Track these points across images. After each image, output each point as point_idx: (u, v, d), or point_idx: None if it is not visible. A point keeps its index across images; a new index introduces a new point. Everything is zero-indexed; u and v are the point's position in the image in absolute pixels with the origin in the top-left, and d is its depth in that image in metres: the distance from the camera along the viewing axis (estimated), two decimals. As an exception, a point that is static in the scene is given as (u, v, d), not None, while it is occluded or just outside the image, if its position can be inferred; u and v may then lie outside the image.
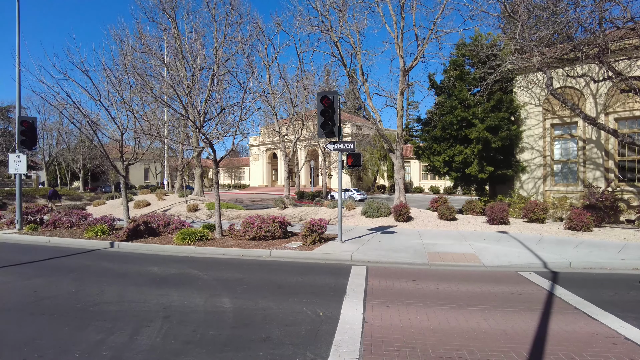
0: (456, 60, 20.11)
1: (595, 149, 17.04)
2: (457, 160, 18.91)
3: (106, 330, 5.32)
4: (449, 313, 6.04)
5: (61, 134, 52.26)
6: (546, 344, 4.84)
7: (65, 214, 16.15)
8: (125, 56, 15.35)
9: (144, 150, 17.86)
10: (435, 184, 53.32)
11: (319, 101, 11.57)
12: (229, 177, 78.77)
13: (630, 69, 14.76)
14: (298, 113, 26.18)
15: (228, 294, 7.08)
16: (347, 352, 4.55)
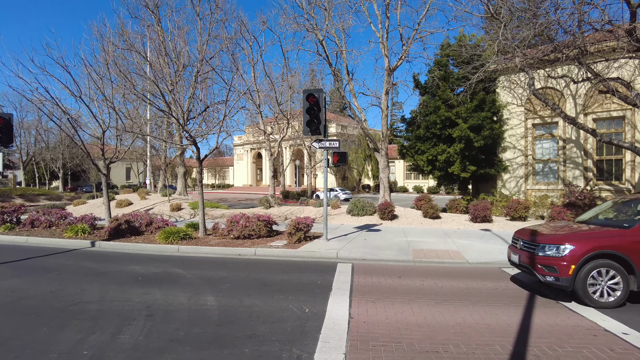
0: (440, 60, 20.32)
1: (575, 148, 17.43)
2: (440, 160, 19.11)
3: (87, 329, 5.19)
4: (434, 308, 6.08)
5: (40, 132, 50.97)
6: (529, 337, 4.91)
7: (44, 214, 15.71)
8: (106, 52, 15.05)
9: (126, 149, 17.53)
10: (419, 183, 53.82)
11: (305, 99, 11.52)
12: (212, 177, 78.02)
13: (608, 70, 15.14)
14: (283, 112, 26.06)
15: (212, 292, 6.99)
16: (333, 348, 4.53)
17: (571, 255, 6.16)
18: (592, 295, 6.08)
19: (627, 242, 6.12)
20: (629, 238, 6.17)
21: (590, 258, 6.11)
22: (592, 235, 6.51)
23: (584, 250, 6.13)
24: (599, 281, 6.10)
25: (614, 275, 6.07)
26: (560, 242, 6.38)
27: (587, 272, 6.09)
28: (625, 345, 4.67)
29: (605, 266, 6.09)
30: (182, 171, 26.31)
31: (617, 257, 6.08)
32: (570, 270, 6.11)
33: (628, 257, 6.02)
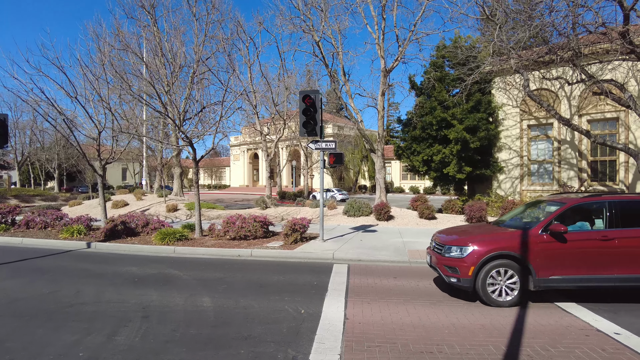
0: (436, 61, 20.41)
1: (569, 149, 17.55)
2: (435, 160, 19.18)
3: (82, 331, 5.19)
4: (429, 309, 6.12)
5: (35, 132, 50.58)
6: (523, 337, 4.96)
7: (40, 214, 15.66)
8: (102, 53, 15.01)
9: (122, 149, 17.50)
10: (415, 184, 53.96)
11: (301, 100, 11.55)
12: (209, 178, 77.90)
13: (601, 72, 15.27)
14: (280, 113, 26.08)
15: (209, 293, 7.00)
16: (328, 349, 4.56)
17: (471, 256, 6.32)
18: (491, 295, 6.24)
19: (524, 244, 6.29)
20: (526, 239, 6.33)
21: (489, 259, 6.26)
22: (494, 237, 6.69)
23: (483, 252, 6.28)
24: (498, 281, 6.26)
25: (512, 275, 6.23)
26: (463, 244, 6.54)
27: (487, 273, 6.24)
28: (616, 345, 4.73)
29: (504, 266, 6.24)
30: (178, 172, 26.28)
31: (515, 257, 6.23)
32: (470, 271, 6.27)
33: (524, 258, 6.19)
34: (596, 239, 6.26)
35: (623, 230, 6.29)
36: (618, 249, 6.19)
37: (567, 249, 6.21)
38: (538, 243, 6.26)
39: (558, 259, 6.21)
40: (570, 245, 6.22)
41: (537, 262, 6.18)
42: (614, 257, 6.18)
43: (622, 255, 6.18)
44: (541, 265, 6.18)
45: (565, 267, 6.20)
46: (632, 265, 6.17)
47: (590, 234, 6.39)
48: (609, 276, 6.18)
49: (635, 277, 6.16)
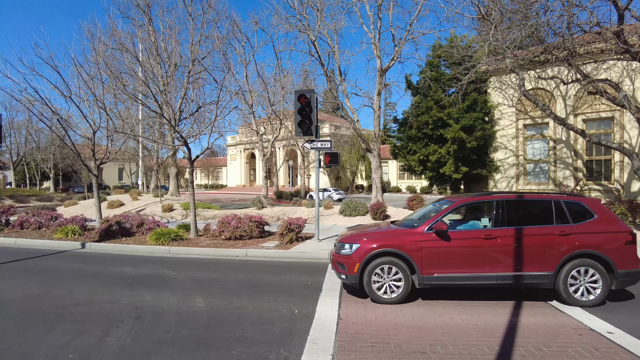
0: (432, 61, 20.43)
1: (565, 148, 17.59)
2: (431, 160, 19.22)
3: (73, 332, 5.15)
4: (422, 309, 6.10)
5: (30, 132, 50.37)
6: (516, 337, 4.95)
7: (34, 215, 15.57)
8: (97, 52, 14.94)
9: (117, 149, 17.42)
10: (412, 183, 53.99)
11: (297, 99, 11.52)
12: (206, 177, 77.78)
13: (596, 71, 15.29)
14: (276, 112, 26.05)
15: (202, 294, 6.97)
16: (321, 349, 4.53)
17: (357, 253, 6.43)
18: (376, 292, 6.33)
19: (409, 241, 6.35)
20: (412, 237, 6.40)
21: (374, 256, 6.36)
22: (383, 234, 6.80)
23: (369, 249, 6.39)
24: (383, 278, 6.34)
25: (396, 272, 6.31)
26: (352, 241, 6.64)
27: (372, 270, 6.33)
28: (609, 344, 4.73)
29: (389, 264, 6.32)
30: (174, 172, 26.19)
31: (400, 255, 6.32)
32: (355, 267, 6.37)
33: (409, 256, 6.27)
34: (480, 238, 6.30)
35: (507, 229, 6.34)
36: (501, 248, 6.23)
37: (451, 247, 6.29)
38: (423, 241, 6.33)
39: (442, 257, 6.28)
40: (454, 244, 6.30)
41: (421, 260, 6.26)
42: (496, 256, 6.24)
43: (505, 254, 6.23)
44: (425, 263, 6.26)
45: (449, 265, 6.27)
46: (514, 263, 6.22)
47: (474, 232, 6.46)
48: (492, 274, 6.23)
49: (518, 275, 6.22)
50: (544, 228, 6.32)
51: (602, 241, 6.19)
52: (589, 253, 6.14)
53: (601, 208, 6.51)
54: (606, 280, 6.10)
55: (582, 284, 6.17)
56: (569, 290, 6.13)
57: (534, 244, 6.23)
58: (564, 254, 6.14)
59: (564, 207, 6.43)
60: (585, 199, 6.69)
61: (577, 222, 6.33)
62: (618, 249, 6.18)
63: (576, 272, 6.15)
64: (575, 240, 6.17)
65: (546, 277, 6.18)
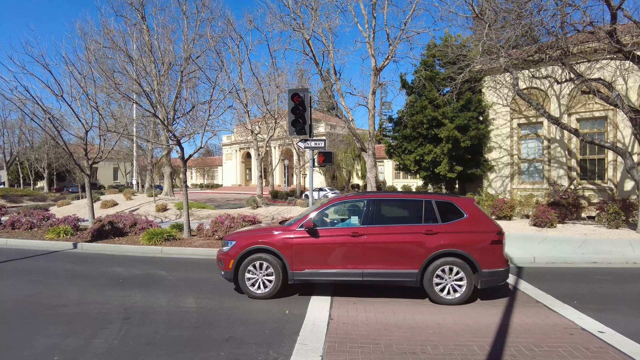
0: (427, 60, 20.42)
1: (559, 148, 17.63)
2: (426, 159, 19.20)
3: (60, 334, 5.08)
4: (414, 308, 6.08)
5: (23, 131, 49.97)
6: (507, 337, 4.93)
7: (26, 215, 15.42)
8: (89, 50, 14.81)
9: (109, 149, 17.30)
10: (407, 182, 53.99)
11: (290, 98, 11.45)
12: (201, 177, 77.53)
13: (590, 71, 15.32)
14: (271, 111, 25.97)
15: (193, 294, 6.91)
16: (310, 350, 4.49)
17: (232, 250, 6.69)
18: (249, 288, 6.60)
19: (281, 239, 6.60)
20: (284, 235, 6.64)
21: (248, 253, 6.61)
22: (259, 232, 7.03)
23: (241, 246, 6.66)
24: (257, 274, 6.60)
25: (267, 267, 6.55)
26: (230, 239, 6.95)
27: (245, 266, 6.59)
28: (600, 343, 4.71)
29: (261, 260, 6.56)
30: (168, 171, 26.06)
31: (271, 251, 6.57)
32: (230, 264, 6.64)
33: (280, 252, 6.51)
34: (347, 235, 6.45)
35: (374, 227, 6.47)
36: (367, 245, 6.37)
37: (320, 244, 6.48)
38: (294, 238, 6.55)
39: (311, 254, 6.48)
40: (323, 241, 6.49)
41: (292, 257, 6.48)
42: (362, 253, 6.36)
43: (371, 251, 6.36)
44: (296, 260, 6.47)
45: (318, 261, 6.45)
46: (380, 260, 6.35)
47: (343, 230, 6.64)
48: (358, 271, 6.35)
49: (383, 272, 6.34)
50: (411, 227, 6.45)
51: (467, 240, 6.27)
52: (454, 252, 6.22)
53: (472, 208, 6.57)
54: (470, 279, 6.19)
55: (448, 282, 6.25)
56: (435, 288, 6.23)
57: (400, 242, 6.38)
58: (429, 253, 6.23)
59: (435, 206, 6.54)
60: (457, 199, 6.79)
61: (446, 221, 6.43)
62: (483, 248, 6.24)
63: (441, 270, 6.24)
64: (441, 239, 6.26)
65: (412, 275, 6.28)
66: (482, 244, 6.25)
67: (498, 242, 6.29)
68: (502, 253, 6.32)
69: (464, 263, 6.20)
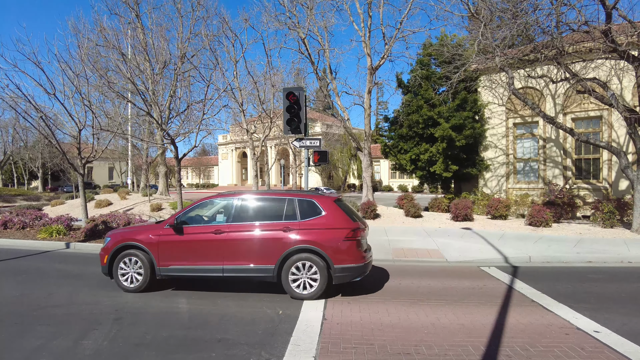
0: (422, 59, 20.38)
1: (554, 147, 17.65)
2: (422, 159, 19.16)
3: (48, 335, 4.98)
4: (409, 308, 6.02)
5: (17, 130, 49.60)
6: (503, 337, 4.88)
7: (18, 214, 15.25)
8: (82, 48, 14.65)
9: (103, 148, 17.15)
10: (404, 182, 54.10)
11: (285, 97, 11.40)
12: (197, 177, 77.25)
13: (585, 71, 15.35)
14: (266, 111, 25.86)
15: (186, 294, 6.83)
16: (303, 351, 4.43)
17: (107, 246, 7.13)
18: (122, 282, 6.98)
19: (150, 236, 6.97)
20: (154, 232, 7.02)
21: (120, 249, 7.02)
22: (132, 229, 7.49)
23: (115, 242, 7.07)
24: (129, 269, 6.97)
25: (136, 262, 6.93)
26: (108, 235, 7.35)
27: (118, 261, 6.99)
28: (595, 343, 4.68)
29: (132, 256, 6.96)
30: (163, 171, 25.88)
31: (140, 248, 6.95)
32: (105, 259, 7.03)
33: (147, 249, 6.89)
34: (210, 233, 6.75)
35: (235, 225, 6.75)
36: (227, 242, 6.64)
37: (184, 242, 6.80)
38: (161, 235, 6.91)
39: (176, 250, 6.81)
40: (187, 238, 6.81)
41: (158, 253, 6.84)
42: (223, 249, 6.63)
43: (231, 248, 6.63)
44: (162, 256, 6.82)
45: (182, 258, 6.78)
46: (240, 256, 6.59)
47: (206, 227, 6.89)
48: (219, 267, 6.62)
49: (242, 268, 6.58)
50: (270, 224, 6.67)
51: (321, 237, 6.47)
52: (308, 248, 6.44)
53: (331, 205, 6.77)
54: (324, 275, 6.37)
55: (303, 277, 6.45)
56: (291, 284, 6.45)
57: (259, 239, 6.63)
58: (285, 249, 6.45)
59: (297, 204, 6.78)
60: (318, 197, 6.94)
61: (305, 219, 6.64)
62: (336, 244, 6.44)
63: (295, 267, 6.46)
64: (297, 236, 6.49)
65: (269, 271, 6.50)
66: (335, 241, 6.45)
67: (352, 239, 6.46)
68: (356, 249, 6.48)
69: (317, 259, 6.40)
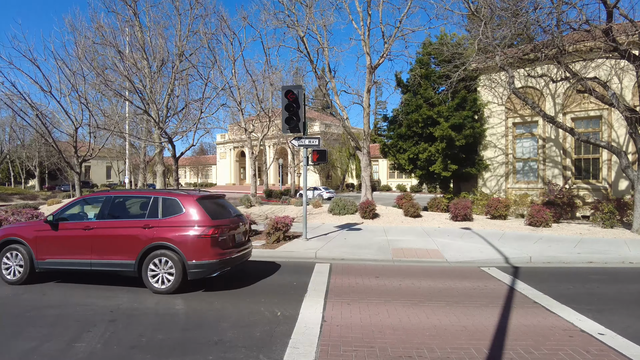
0: (422, 59, 20.28)
1: (554, 147, 17.58)
2: (421, 158, 19.06)
3: (42, 337, 4.86)
4: (410, 310, 5.92)
5: (14, 129, 49.32)
6: (506, 339, 4.78)
7: (13, 213, 15.09)
8: (78, 46, 14.50)
9: (100, 147, 17.00)
10: (402, 182, 54.01)
11: (284, 95, 11.30)
12: (195, 176, 77.05)
13: (585, 70, 15.26)
14: (265, 110, 25.73)
15: (182, 295, 6.71)
16: (302, 354, 4.31)
17: None
18: (4, 273, 7.45)
19: (30, 231, 7.50)
20: (34, 227, 7.57)
21: (4, 243, 7.54)
22: (18, 226, 8.21)
23: (1, 236, 7.62)
24: (11, 262, 7.44)
25: (17, 256, 7.42)
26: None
27: (2, 255, 7.49)
28: (600, 346, 4.58)
29: (13, 250, 7.43)
30: (160, 170, 25.68)
31: (20, 242, 7.44)
32: None
33: (27, 243, 7.39)
34: (81, 229, 7.16)
35: (102, 222, 7.14)
36: (94, 238, 7.05)
37: (58, 237, 7.27)
38: (40, 231, 7.39)
39: (51, 245, 7.28)
40: (61, 234, 7.26)
41: (36, 247, 7.33)
42: (91, 245, 7.03)
43: (97, 243, 7.02)
44: (40, 250, 7.31)
45: (57, 252, 7.23)
46: (105, 251, 6.97)
47: (77, 224, 7.28)
48: (87, 261, 7.04)
49: (107, 262, 6.97)
50: (133, 221, 7.09)
51: (177, 234, 6.77)
52: (165, 245, 6.76)
53: (192, 204, 6.99)
54: (179, 270, 6.67)
55: (161, 272, 6.77)
56: (150, 279, 6.78)
57: (122, 236, 6.98)
58: (144, 245, 6.80)
59: (160, 202, 7.09)
60: (181, 196, 7.18)
61: (166, 217, 6.95)
62: (191, 242, 6.71)
63: (153, 263, 6.79)
64: (156, 233, 6.82)
65: (130, 266, 6.86)
66: (190, 238, 6.72)
67: (205, 236, 6.71)
68: (209, 247, 6.72)
69: (173, 255, 6.71)
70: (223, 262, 6.87)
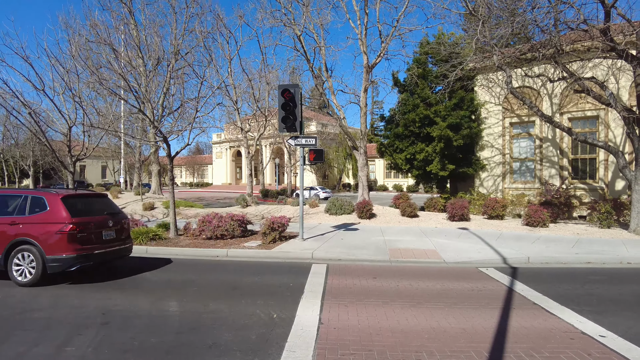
0: (419, 58, 20.22)
1: (551, 147, 17.57)
2: (418, 158, 19.01)
3: (30, 341, 4.72)
4: (408, 311, 5.83)
5: (8, 128, 48.81)
6: (506, 342, 4.70)
7: None
8: (72, 44, 14.32)
9: (94, 146, 16.81)
10: (399, 181, 54.02)
11: (280, 94, 11.18)
12: (191, 175, 76.75)
13: (582, 70, 15.25)
14: (261, 109, 25.59)
15: (177, 297, 6.59)
16: (299, 358, 4.21)
17: None
18: None
19: None
20: None
21: None
22: None
23: None
24: None
25: None
26: None
27: None
28: (602, 349, 4.50)
29: None
30: (156, 169, 25.54)
31: None
32: None
33: None
34: None
35: None
36: None
37: None
38: None
39: None
40: None
41: None
42: None
43: None
44: None
45: None
46: None
47: None
48: None
49: None
50: (2, 218, 7.43)
51: (39, 230, 7.19)
52: (28, 240, 7.20)
53: (55, 202, 7.34)
54: (39, 264, 7.09)
55: (24, 266, 7.20)
56: (14, 272, 7.20)
57: None
58: (9, 240, 7.25)
59: (29, 200, 7.50)
60: (47, 194, 7.56)
61: (32, 214, 7.37)
62: (50, 237, 7.10)
63: (17, 258, 7.21)
64: (20, 229, 7.26)
65: None
66: (49, 234, 7.11)
67: (63, 232, 7.06)
68: (67, 242, 7.06)
69: (35, 250, 7.11)
70: (83, 257, 7.23)
